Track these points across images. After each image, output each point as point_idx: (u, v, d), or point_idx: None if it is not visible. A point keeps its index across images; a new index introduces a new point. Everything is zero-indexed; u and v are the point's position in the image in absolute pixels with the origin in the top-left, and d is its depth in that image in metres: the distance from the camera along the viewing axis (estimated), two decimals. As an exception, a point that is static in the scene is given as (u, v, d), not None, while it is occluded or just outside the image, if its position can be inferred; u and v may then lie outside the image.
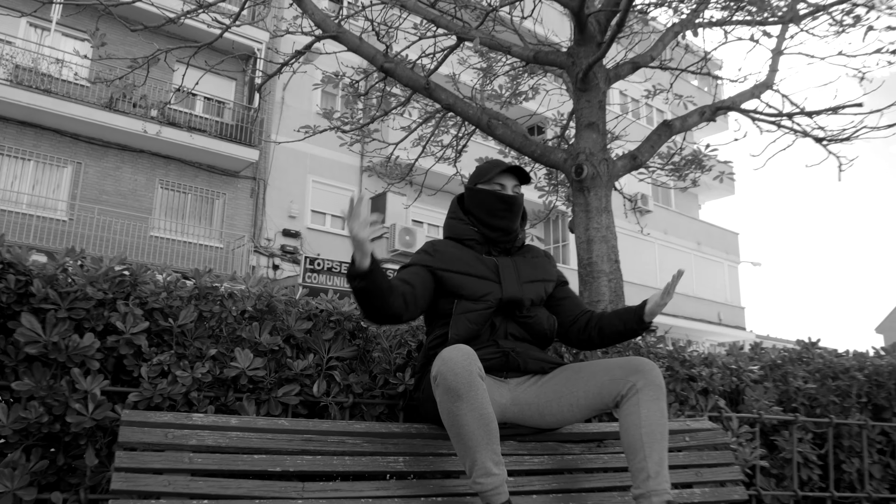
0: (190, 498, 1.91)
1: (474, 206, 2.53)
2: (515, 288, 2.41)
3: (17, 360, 2.11)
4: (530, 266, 2.51)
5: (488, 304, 2.36)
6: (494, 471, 1.99)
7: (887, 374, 3.78)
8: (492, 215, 2.49)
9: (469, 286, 2.36)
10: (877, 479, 3.66)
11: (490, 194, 2.49)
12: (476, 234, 2.50)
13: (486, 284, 2.38)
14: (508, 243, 2.53)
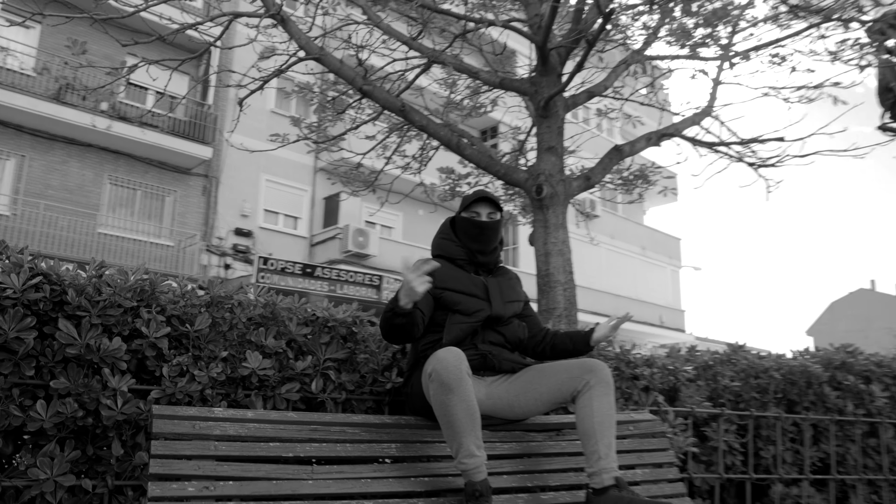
0: (217, 480, 2.23)
1: (459, 231, 2.92)
2: (501, 307, 2.81)
3: (55, 360, 2.39)
4: (509, 287, 2.92)
5: (478, 319, 2.75)
6: (477, 453, 2.38)
7: (799, 374, 4.32)
8: (470, 239, 2.89)
9: (464, 303, 2.75)
10: (788, 462, 4.20)
11: (468, 221, 2.88)
12: (465, 254, 2.88)
13: (478, 302, 2.77)
14: (491, 264, 2.92)
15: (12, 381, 2.33)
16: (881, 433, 4.46)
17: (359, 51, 4.68)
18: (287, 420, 2.46)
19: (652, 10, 3.61)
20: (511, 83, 4.64)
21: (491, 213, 2.91)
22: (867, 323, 49.01)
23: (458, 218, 2.93)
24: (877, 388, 4.47)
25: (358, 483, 2.41)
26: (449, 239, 2.94)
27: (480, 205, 2.90)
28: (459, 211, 2.94)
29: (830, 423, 4.28)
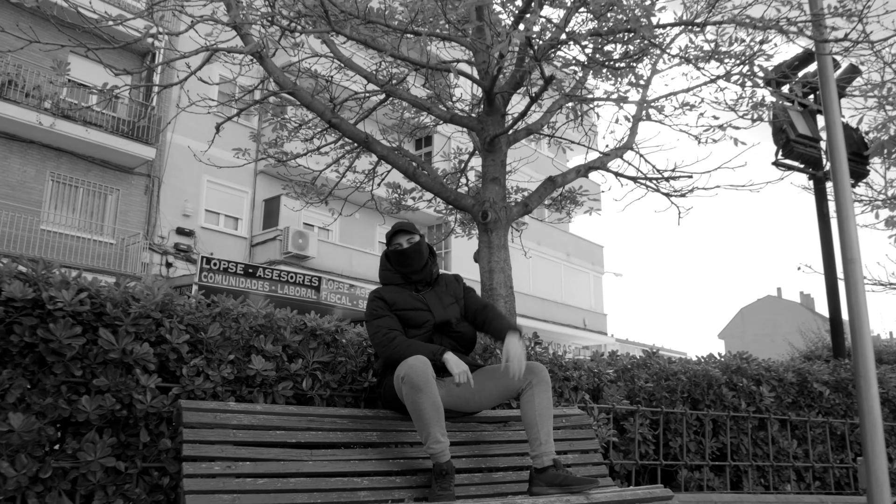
0: (236, 461, 2.77)
1: (391, 261, 3.52)
2: (442, 312, 3.42)
3: (96, 362, 2.88)
4: (446, 293, 3.53)
5: (427, 328, 3.35)
6: (441, 440, 2.99)
7: (701, 377, 5.11)
8: (400, 265, 3.50)
9: (412, 318, 3.35)
10: (692, 452, 4.98)
11: (394, 251, 3.49)
12: (402, 278, 3.49)
13: (423, 314, 3.38)
14: (424, 281, 3.52)
15: (61, 380, 2.81)
16: (769, 427, 5.29)
17: (328, 87, 5.19)
18: (289, 412, 3.02)
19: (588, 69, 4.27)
20: (460, 119, 5.26)
21: (409, 238, 3.52)
22: (773, 327, 52.37)
23: (387, 252, 3.54)
24: (765, 390, 5.30)
25: (348, 463, 2.99)
26: (387, 269, 3.55)
27: (399, 236, 3.52)
28: (386, 246, 3.54)
29: (727, 419, 5.08)
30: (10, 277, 2.77)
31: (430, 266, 3.57)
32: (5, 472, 2.60)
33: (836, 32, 4.81)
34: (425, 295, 3.47)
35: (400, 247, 3.49)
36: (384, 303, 3.38)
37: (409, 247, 3.49)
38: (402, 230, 3.52)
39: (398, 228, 3.52)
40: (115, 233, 15.69)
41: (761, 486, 5.25)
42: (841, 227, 4.45)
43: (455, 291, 3.60)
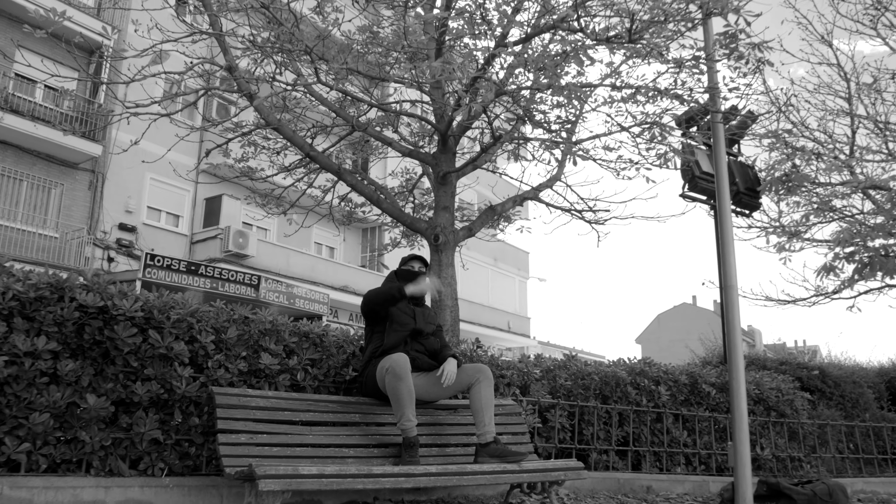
0: (256, 433, 3.62)
1: (401, 277, 4.45)
2: (422, 324, 4.37)
3: (147, 356, 3.68)
4: (430, 315, 4.49)
5: (406, 330, 4.28)
6: (412, 419, 3.92)
7: (610, 377, 6.20)
8: (408, 282, 4.42)
9: (400, 318, 4.27)
10: (601, 438, 6.06)
11: (407, 271, 4.42)
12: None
13: (409, 319, 4.31)
14: (420, 300, 4.46)
15: (120, 369, 3.60)
16: (664, 420, 6.43)
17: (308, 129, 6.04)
18: (292, 398, 3.89)
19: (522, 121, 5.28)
20: (417, 154, 6.18)
21: (421, 267, 4.47)
22: (687, 333, 55.45)
23: (400, 269, 4.47)
24: (663, 389, 6.44)
25: (338, 438, 3.89)
26: (391, 281, 4.47)
27: (415, 261, 4.47)
28: (402, 264, 4.47)
29: (630, 412, 6.18)
30: (81, 289, 3.54)
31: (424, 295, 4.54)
32: (83, 438, 3.39)
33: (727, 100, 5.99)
34: (415, 309, 4.41)
35: (413, 269, 4.51)
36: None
37: (420, 273, 4.51)
38: (420, 258, 4.59)
39: (416, 256, 4.59)
40: (58, 227, 15.85)
41: (657, 467, 6.38)
42: (723, 260, 5.60)
43: (432, 319, 4.59)
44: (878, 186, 8.83)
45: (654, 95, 5.50)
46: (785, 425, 7.27)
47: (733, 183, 9.17)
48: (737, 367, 5.39)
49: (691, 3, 4.95)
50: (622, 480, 5.78)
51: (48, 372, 3.40)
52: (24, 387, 3.31)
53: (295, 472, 3.20)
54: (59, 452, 3.41)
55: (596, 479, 5.65)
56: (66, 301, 3.49)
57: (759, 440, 7.04)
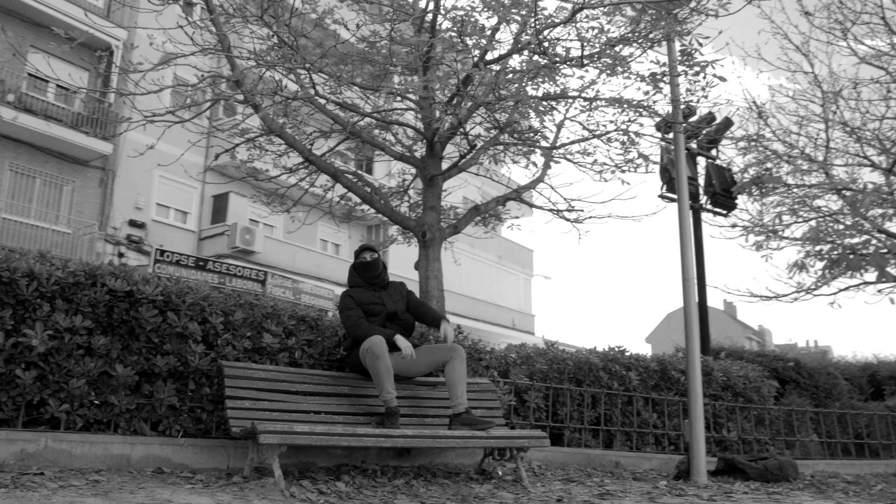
0: (258, 400, 4.22)
1: (358, 269, 5.02)
2: (392, 306, 4.94)
3: (165, 334, 4.28)
4: (395, 293, 5.06)
5: (382, 317, 4.86)
6: (391, 391, 4.50)
7: (584, 362, 6.78)
8: (365, 272, 5.00)
9: (371, 310, 4.86)
10: (575, 418, 6.64)
11: (360, 263, 5.01)
12: (364, 282, 4.98)
13: (378, 307, 4.89)
14: (380, 284, 5.03)
15: (143, 345, 4.20)
16: (634, 403, 7.01)
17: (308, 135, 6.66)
18: (290, 372, 4.49)
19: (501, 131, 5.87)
20: (408, 159, 6.78)
21: (371, 255, 5.06)
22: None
23: (354, 265, 5.05)
24: (633, 374, 7.02)
25: (329, 406, 4.49)
26: (354, 277, 5.07)
27: (365, 252, 5.05)
28: (354, 258, 5.06)
29: (602, 395, 6.76)
30: (110, 276, 4.14)
31: (384, 274, 5.09)
32: (113, 401, 4.00)
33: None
34: (380, 294, 4.98)
35: (365, 260, 4.98)
36: (352, 300, 4.87)
37: (371, 260, 5.00)
38: (368, 248, 5.02)
39: (365, 247, 5.02)
40: (70, 223, 16.50)
41: (627, 446, 6.96)
42: (682, 254, 6.17)
43: (401, 292, 5.13)
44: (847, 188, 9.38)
45: (621, 107, 6.08)
46: (752, 410, 7.84)
47: (710, 185, 9.77)
48: (692, 352, 5.96)
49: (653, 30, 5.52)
50: (592, 455, 6.35)
51: (83, 345, 4.01)
52: (64, 357, 3.92)
53: (290, 429, 3.80)
54: (92, 413, 4.01)
55: (568, 453, 6.24)
56: (98, 286, 4.09)
57: (727, 423, 7.60)
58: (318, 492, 3.88)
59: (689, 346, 6.01)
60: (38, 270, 3.89)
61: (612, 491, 4.80)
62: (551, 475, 5.47)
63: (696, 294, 6.10)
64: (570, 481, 5.21)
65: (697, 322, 6.07)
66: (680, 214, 6.28)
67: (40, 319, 3.85)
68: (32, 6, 15.70)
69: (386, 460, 5.08)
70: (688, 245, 6.18)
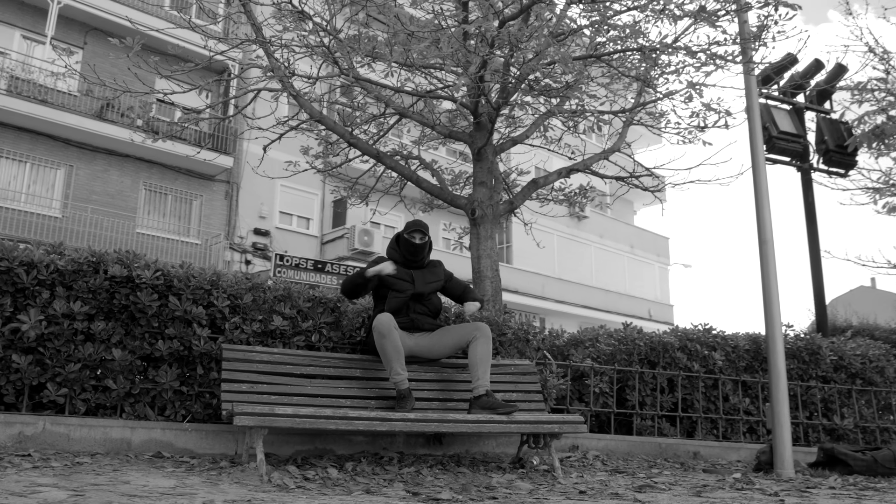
0: (257, 383, 4.07)
1: (401, 244, 4.74)
2: (422, 287, 4.63)
3: (167, 318, 4.25)
4: (430, 274, 4.73)
5: (406, 295, 4.57)
6: (401, 373, 4.21)
7: (657, 343, 6.12)
8: (408, 252, 4.71)
9: (398, 285, 4.57)
10: (648, 404, 6.00)
11: (407, 241, 4.70)
12: (401, 257, 4.70)
13: (406, 284, 4.59)
14: (419, 264, 4.73)
15: (146, 329, 4.20)
16: (720, 386, 6.24)
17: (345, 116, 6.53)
18: (296, 354, 4.32)
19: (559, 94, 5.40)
20: (456, 134, 6.44)
21: (422, 237, 4.74)
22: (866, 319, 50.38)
23: (400, 236, 4.75)
24: (717, 355, 6.24)
25: (336, 389, 4.26)
26: (393, 248, 4.78)
27: (416, 233, 4.73)
28: (402, 232, 4.75)
29: (679, 378, 6.07)
30: (112, 262, 4.17)
31: (426, 258, 4.80)
32: (111, 385, 4.01)
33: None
34: (414, 272, 4.68)
35: (414, 241, 4.71)
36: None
37: (420, 243, 4.72)
38: (420, 230, 4.75)
39: (417, 227, 4.76)
40: (199, 234, 17.62)
41: (713, 435, 6.20)
42: (757, 212, 5.38)
43: (438, 274, 4.81)
44: None
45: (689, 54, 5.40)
46: (873, 394, 6.76)
47: (822, 141, 8.62)
48: (773, 325, 5.17)
49: None
50: (665, 445, 5.70)
51: (83, 331, 4.06)
52: (64, 342, 3.98)
53: (270, 411, 3.62)
54: (95, 398, 4.05)
55: (634, 442, 5.63)
56: (99, 273, 4.14)
57: (840, 409, 6.60)
58: (303, 478, 3.66)
59: (767, 316, 5.21)
60: (37, 259, 3.98)
61: (659, 483, 4.21)
62: (602, 465, 4.93)
63: (773, 256, 5.28)
64: (617, 472, 4.66)
65: (777, 288, 5.26)
66: (754, 166, 5.49)
67: (38, 306, 3.94)
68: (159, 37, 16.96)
69: (414, 448, 4.79)
70: (764, 201, 5.38)
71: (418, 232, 4.75)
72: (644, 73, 5.86)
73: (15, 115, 14.82)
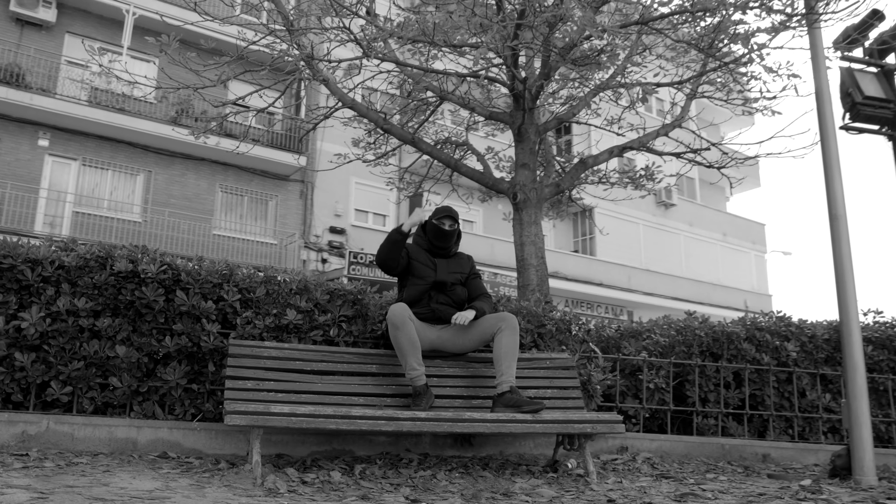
0: (263, 381, 3.86)
1: (430, 231, 4.41)
2: (444, 276, 4.29)
3: (174, 314, 4.11)
4: (455, 264, 4.39)
5: (427, 283, 4.24)
6: (417, 368, 3.89)
7: (720, 333, 5.53)
8: (436, 239, 4.38)
9: (419, 270, 4.25)
10: (711, 401, 5.43)
11: (436, 227, 4.38)
12: (427, 244, 4.38)
13: (428, 271, 4.27)
14: (445, 252, 4.39)
15: (153, 326, 4.06)
16: (795, 380, 5.59)
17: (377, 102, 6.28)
18: (307, 349, 4.08)
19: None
20: (496, 115, 6.05)
21: (451, 224, 4.40)
22: None
23: (429, 222, 4.42)
24: (791, 346, 5.59)
25: (349, 387, 3.99)
26: (419, 235, 4.46)
27: (446, 219, 4.40)
28: (431, 217, 4.43)
29: (745, 372, 5.47)
30: (120, 258, 4.06)
31: (452, 246, 4.47)
32: (115, 384, 3.90)
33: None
34: (438, 260, 4.36)
35: (444, 227, 4.39)
36: (406, 251, 4.31)
37: (450, 230, 4.40)
38: (450, 216, 4.43)
39: (448, 213, 4.43)
40: (275, 234, 17.90)
41: (788, 435, 5.56)
42: (827, 185, 4.74)
43: (464, 266, 4.46)
44: None
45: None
46: None
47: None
48: (847, 309, 4.52)
49: None
50: (728, 446, 5.13)
51: (88, 328, 3.96)
52: (68, 340, 3.89)
53: (265, 409, 3.38)
54: (101, 396, 3.95)
55: (692, 444, 5.10)
56: (106, 269, 4.03)
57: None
58: (301, 482, 3.41)
59: (841, 300, 4.57)
60: (41, 255, 3.91)
61: (706, 491, 3.71)
62: (650, 469, 4.45)
63: (847, 233, 4.63)
64: (664, 477, 4.17)
65: (851, 268, 4.60)
66: (822, 132, 4.85)
67: (42, 303, 3.87)
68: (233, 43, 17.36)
69: (441, 449, 4.47)
70: (834, 172, 4.74)
71: (448, 218, 4.41)
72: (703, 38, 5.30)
73: (96, 124, 15.46)
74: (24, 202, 14.70)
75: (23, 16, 15.29)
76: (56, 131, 15.41)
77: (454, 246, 4.50)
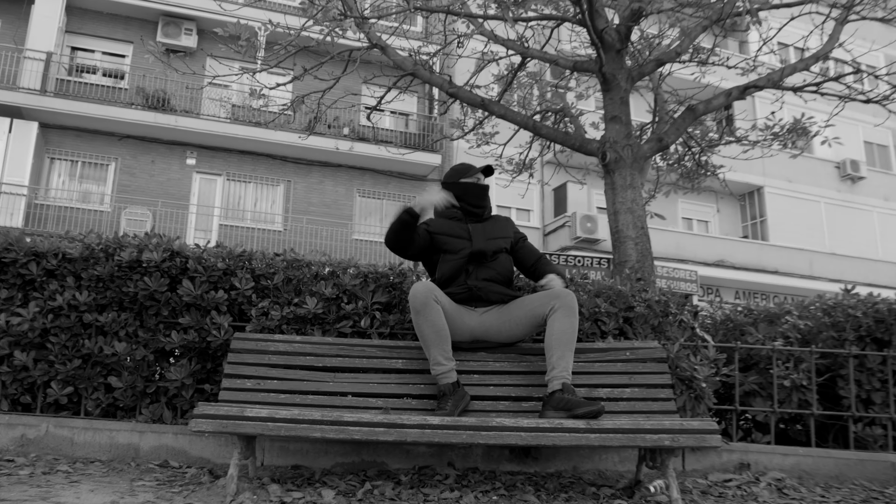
0: (266, 379, 3.27)
1: (463, 192, 3.62)
2: (481, 243, 3.46)
3: (181, 306, 3.64)
4: (493, 227, 3.56)
5: (463, 255, 3.44)
6: (444, 363, 3.12)
7: (885, 313, 4.20)
8: (473, 196, 3.58)
9: (450, 244, 3.47)
10: (876, 405, 4.12)
11: (473, 184, 3.58)
12: (457, 212, 3.59)
13: (462, 242, 3.47)
14: (479, 215, 3.58)
15: (158, 320, 3.63)
16: None
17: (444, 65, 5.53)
18: (321, 342, 3.44)
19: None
20: (582, 65, 5.09)
21: (478, 177, 3.60)
22: None
23: (461, 183, 3.62)
24: None
25: (367, 386, 3.30)
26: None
27: (479, 173, 3.61)
28: (459, 177, 3.62)
29: (926, 362, 4.10)
30: (128, 248, 3.67)
31: (487, 206, 3.67)
32: (114, 384, 3.49)
33: None
34: (472, 226, 3.57)
35: (479, 181, 3.62)
36: (427, 226, 3.54)
37: (486, 184, 3.64)
38: (488, 169, 3.68)
39: (486, 167, 3.68)
40: (413, 235, 17.72)
41: None
42: None
43: (506, 230, 3.62)
44: None
45: None
46: None
47: None
48: None
49: None
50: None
51: (91, 323, 3.59)
52: (69, 337, 3.55)
53: (240, 413, 2.78)
54: (107, 398, 3.56)
55: (848, 462, 3.84)
56: (111, 260, 3.66)
57: None
58: (280, 501, 2.76)
59: None
60: (43, 248, 3.61)
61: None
62: (776, 495, 3.33)
63: None
64: (786, 506, 3.06)
65: None
66: None
67: (43, 298, 3.56)
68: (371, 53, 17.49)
69: (497, 463, 3.64)
70: None
71: (480, 173, 3.62)
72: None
73: (236, 139, 16.08)
74: (176, 218, 15.59)
75: (168, 45, 16.27)
76: (201, 149, 16.22)
77: (489, 207, 3.67)
